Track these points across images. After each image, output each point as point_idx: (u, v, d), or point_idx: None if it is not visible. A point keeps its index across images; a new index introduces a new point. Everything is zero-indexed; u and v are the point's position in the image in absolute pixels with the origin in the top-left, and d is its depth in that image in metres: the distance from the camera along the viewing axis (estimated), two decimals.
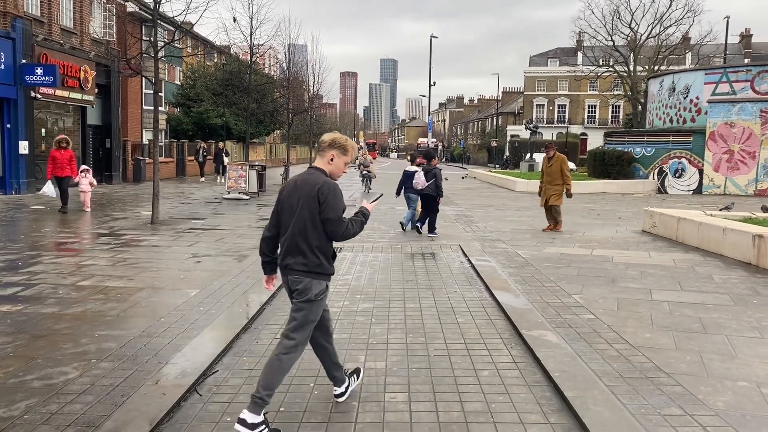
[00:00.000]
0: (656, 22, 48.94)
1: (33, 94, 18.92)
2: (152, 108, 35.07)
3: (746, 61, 59.15)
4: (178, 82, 44.21)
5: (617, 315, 6.29)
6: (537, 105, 75.95)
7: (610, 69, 51.13)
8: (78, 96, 21.25)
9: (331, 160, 4.00)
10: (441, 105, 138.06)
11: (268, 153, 54.63)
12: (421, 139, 59.60)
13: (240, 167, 20.19)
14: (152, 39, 13.50)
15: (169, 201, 18.46)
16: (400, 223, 13.05)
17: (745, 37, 69.22)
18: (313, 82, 32.79)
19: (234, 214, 15.46)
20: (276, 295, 7.17)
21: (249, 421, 3.63)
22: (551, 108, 75.71)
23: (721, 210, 13.00)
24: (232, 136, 41.13)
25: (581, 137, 70.89)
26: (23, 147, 18.61)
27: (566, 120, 74.74)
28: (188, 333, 5.57)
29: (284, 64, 27.62)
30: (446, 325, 6.02)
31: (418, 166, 13.06)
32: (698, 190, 25.56)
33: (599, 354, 5.07)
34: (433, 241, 11.35)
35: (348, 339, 5.58)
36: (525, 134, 58.43)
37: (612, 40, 50.14)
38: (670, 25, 49.16)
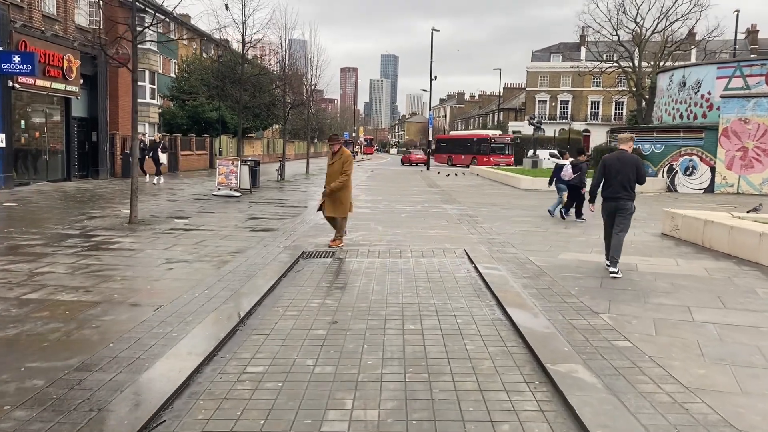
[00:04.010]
0: (662, 16, 47.82)
1: (11, 84, 17.85)
2: (146, 101, 34.11)
3: (752, 57, 58.00)
4: (173, 74, 43.15)
5: (657, 341, 5.27)
6: (539, 101, 74.81)
7: (615, 64, 49.97)
8: (61, 86, 20.18)
9: (630, 146, 8.09)
10: (442, 101, 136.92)
11: (265, 148, 53.57)
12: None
13: (231, 162, 19.14)
14: (131, 23, 12.40)
15: (154, 198, 17.43)
16: (548, 210, 14.95)
17: (752, 32, 68.05)
18: (312, 74, 31.78)
19: (222, 213, 14.43)
20: (252, 314, 6.14)
21: (615, 269, 7.75)
22: (554, 104, 74.58)
23: (748, 212, 11.97)
24: (228, 131, 40.07)
25: (584, 134, 69.79)
26: (0, 140, 17.55)
27: (569, 116, 73.57)
28: (138, 364, 4.54)
29: (282, 55, 26.54)
30: (453, 355, 4.99)
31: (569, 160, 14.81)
32: (710, 189, 24.54)
33: (647, 399, 4.04)
34: (437, 244, 10.32)
35: (333, 374, 4.55)
36: (527, 130, 57.36)
37: (617, 34, 49.04)
38: (677, 20, 48.05)
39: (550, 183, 15.13)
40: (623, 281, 7.62)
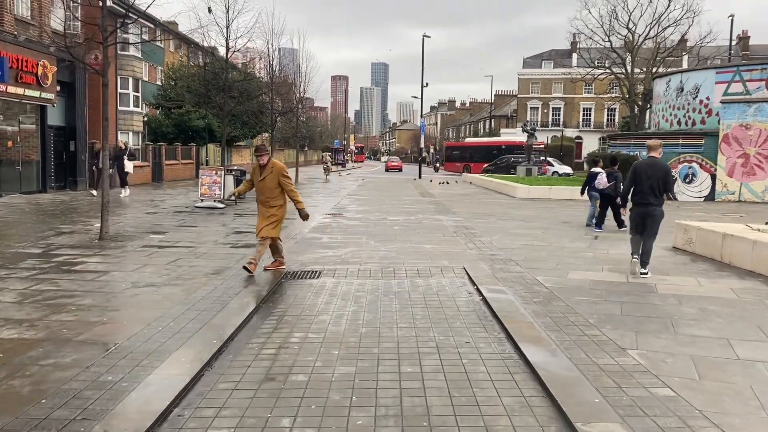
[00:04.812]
0: (654, 22, 47.40)
1: None
2: (129, 109, 33.08)
3: (744, 61, 57.73)
4: (159, 82, 42.20)
5: (704, 388, 4.41)
6: (531, 108, 74.35)
7: (607, 71, 49.49)
8: (35, 93, 19.20)
9: (659, 153, 8.35)
10: (432, 108, 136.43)
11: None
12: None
13: (214, 172, 18.22)
14: (101, 22, 11.52)
15: (132, 210, 16.48)
16: (588, 225, 14.33)
17: (743, 38, 68.01)
18: (300, 81, 30.99)
19: (203, 227, 13.50)
20: (223, 352, 5.24)
21: (645, 270, 8.32)
22: (545, 111, 74.13)
23: (767, 224, 11.19)
24: (215, 139, 39.11)
25: (576, 141, 69.32)
26: None
27: (561, 123, 73.16)
28: (69, 429, 3.64)
29: (269, 60, 25.68)
30: (461, 409, 4.12)
31: (602, 168, 14.34)
32: (710, 197, 23.83)
33: None
34: (434, 261, 9.45)
35: None
36: (519, 137, 56.64)
37: (609, 40, 48.56)
38: (669, 26, 47.66)
39: (582, 192, 14.61)
40: (646, 307, 6.78)
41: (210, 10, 19.99)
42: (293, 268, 8.91)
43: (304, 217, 8.82)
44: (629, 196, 8.75)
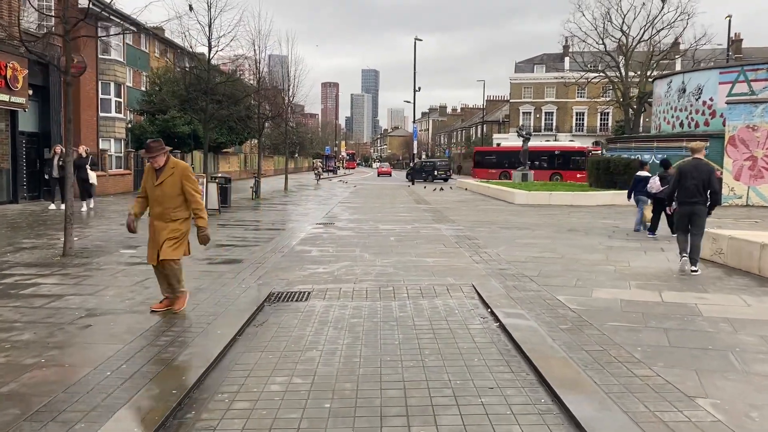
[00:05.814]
0: (648, 24, 46.78)
1: None
2: (111, 115, 31.83)
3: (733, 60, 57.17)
4: (144, 88, 40.99)
5: None
6: (523, 112, 73.62)
7: (601, 74, 48.76)
8: (4, 97, 17.97)
9: (703, 154, 8.79)
10: (424, 114, 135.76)
11: (242, 164, 51.41)
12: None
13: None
14: (63, 15, 10.40)
15: (106, 222, 15.29)
16: (636, 230, 13.87)
17: (735, 41, 67.56)
18: (290, 85, 29.91)
19: None
20: (183, 406, 4.10)
21: (695, 267, 8.56)
22: (538, 115, 73.40)
23: None
24: (201, 146, 37.84)
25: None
26: None
27: (554, 128, 72.45)
28: None
29: (255, 60, 24.58)
30: None
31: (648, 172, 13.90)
32: None
33: None
34: (438, 279, 8.35)
35: None
36: (512, 142, 55.75)
37: (603, 43, 47.88)
38: (663, 28, 47.07)
39: (629, 197, 14.28)
40: (696, 335, 5.71)
41: (191, 8, 18.86)
42: (278, 288, 7.79)
43: (204, 239, 6.57)
44: (675, 196, 8.96)
